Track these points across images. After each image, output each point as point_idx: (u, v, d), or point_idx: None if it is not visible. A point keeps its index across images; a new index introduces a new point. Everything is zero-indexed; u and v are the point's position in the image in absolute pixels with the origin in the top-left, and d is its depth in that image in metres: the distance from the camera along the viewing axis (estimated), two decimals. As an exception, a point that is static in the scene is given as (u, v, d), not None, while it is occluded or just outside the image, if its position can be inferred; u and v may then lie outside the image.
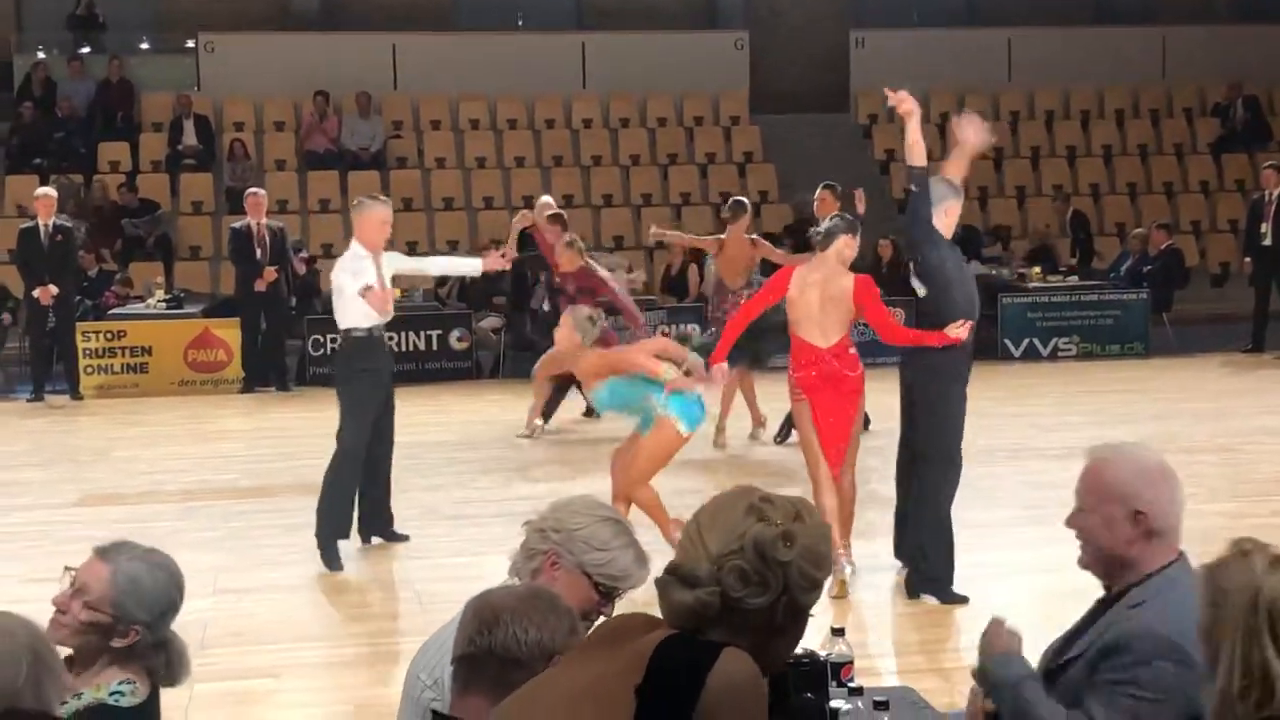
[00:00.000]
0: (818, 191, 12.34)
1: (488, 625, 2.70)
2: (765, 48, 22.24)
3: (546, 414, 12.97)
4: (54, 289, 14.86)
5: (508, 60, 21.25)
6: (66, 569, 3.56)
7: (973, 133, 7.72)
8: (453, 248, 18.74)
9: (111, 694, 3.44)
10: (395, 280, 9.14)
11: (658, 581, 2.47)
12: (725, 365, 8.26)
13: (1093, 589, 7.54)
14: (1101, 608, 3.48)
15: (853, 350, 7.81)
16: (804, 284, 7.77)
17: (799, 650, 3.46)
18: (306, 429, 13.22)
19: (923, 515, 7.54)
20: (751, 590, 2.39)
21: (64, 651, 3.31)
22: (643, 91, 21.62)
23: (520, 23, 23.17)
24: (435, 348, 16.14)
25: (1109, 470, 3.37)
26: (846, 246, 7.89)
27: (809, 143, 21.41)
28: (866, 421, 12.24)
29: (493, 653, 2.68)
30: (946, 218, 7.44)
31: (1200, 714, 3.26)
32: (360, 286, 8.53)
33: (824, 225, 7.99)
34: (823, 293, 7.71)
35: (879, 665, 6.08)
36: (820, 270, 7.79)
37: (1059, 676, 3.41)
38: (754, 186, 20.94)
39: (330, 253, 19.19)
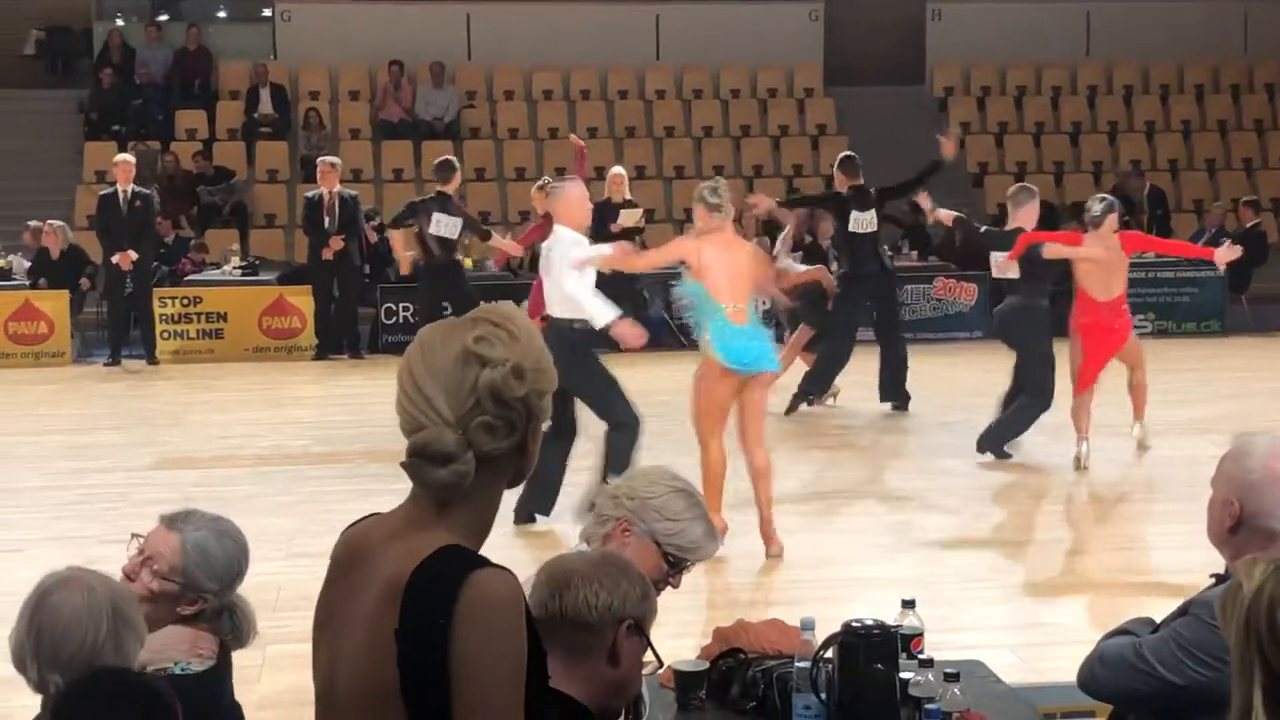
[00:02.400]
0: (837, 164, 12.68)
1: (559, 589, 2.70)
2: (840, 19, 22.10)
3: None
4: (133, 255, 15.04)
5: (581, 31, 21.24)
6: (134, 536, 3.61)
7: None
8: (524, 218, 18.76)
9: (179, 664, 3.49)
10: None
11: (406, 466, 2.26)
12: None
13: (1163, 569, 7.47)
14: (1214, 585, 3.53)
15: (1125, 305, 10.23)
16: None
17: (869, 621, 3.47)
18: (378, 396, 13.30)
19: None
20: (499, 436, 2.25)
21: None
22: (716, 63, 21.55)
23: (594, -7, 23.13)
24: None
25: (1227, 457, 3.48)
26: (1114, 220, 10.05)
27: (884, 115, 21.26)
28: (906, 400, 12.25)
29: (564, 617, 2.69)
30: None
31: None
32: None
33: (1094, 209, 10.04)
34: (1107, 258, 9.87)
35: (949, 639, 6.06)
36: (1102, 243, 9.92)
37: None
38: (827, 159, 20.78)
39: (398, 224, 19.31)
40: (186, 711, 3.11)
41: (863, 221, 12.24)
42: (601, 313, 8.14)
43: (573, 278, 8.09)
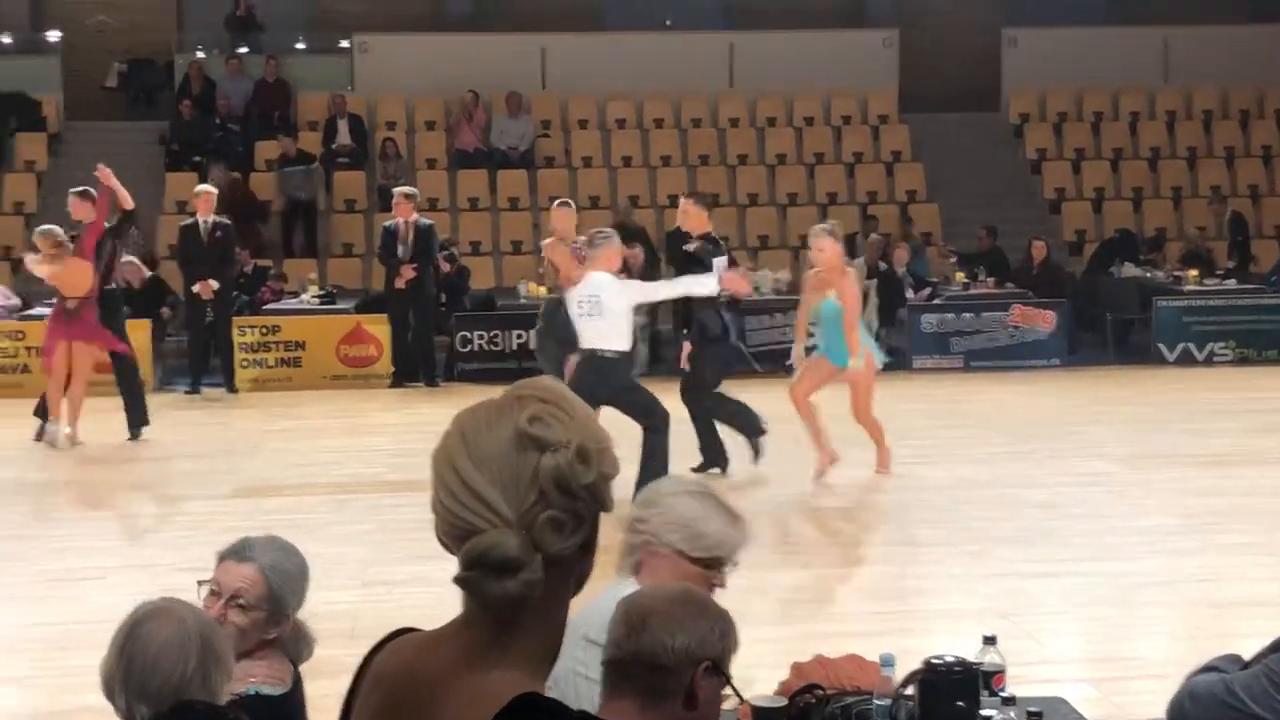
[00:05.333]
0: (682, 203, 11.31)
1: (635, 630, 2.61)
2: (915, 46, 22.03)
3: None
4: (213, 284, 15.20)
5: (655, 60, 21.31)
6: (201, 582, 3.64)
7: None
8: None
9: (253, 688, 3.54)
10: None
11: (462, 581, 1.89)
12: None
13: (1248, 602, 7.33)
14: None
15: None
16: None
17: (950, 657, 3.43)
18: (454, 424, 13.36)
19: None
20: (567, 533, 1.88)
21: None
22: (790, 90, 21.53)
23: (668, 23, 23.23)
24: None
25: None
26: None
27: (959, 142, 21.17)
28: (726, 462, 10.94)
29: (639, 658, 2.59)
30: None
31: None
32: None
33: None
34: None
35: (1028, 672, 5.98)
36: None
37: None
38: (902, 186, 20.76)
39: (479, 250, 19.47)
40: None
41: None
42: (706, 283, 10.01)
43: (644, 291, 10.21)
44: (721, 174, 20.71)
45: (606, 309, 9.57)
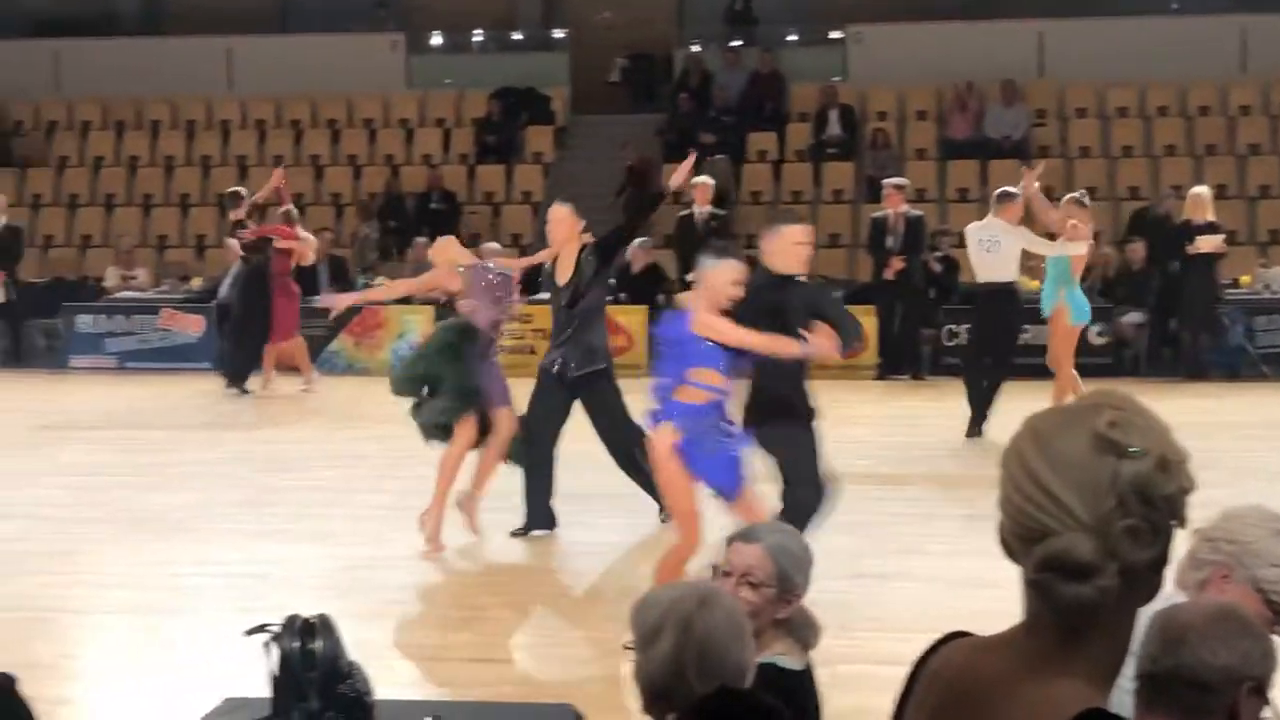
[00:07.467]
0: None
1: (1173, 645, 2.53)
2: None
3: None
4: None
5: (1160, 45, 20.38)
6: (712, 567, 3.85)
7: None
8: (1096, 239, 18.16)
9: (776, 657, 3.67)
10: None
11: (1033, 584, 1.86)
12: None
13: None
14: None
15: None
16: None
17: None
18: (938, 418, 13.22)
19: None
20: (1144, 543, 1.84)
21: None
22: (1309, 75, 20.18)
23: (1175, 6, 22.19)
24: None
25: None
26: None
27: None
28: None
29: (1178, 674, 2.51)
30: None
31: None
32: None
33: None
34: None
35: None
36: None
37: None
38: None
39: (963, 243, 19.13)
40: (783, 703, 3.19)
41: None
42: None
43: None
44: (1230, 164, 19.64)
45: (1003, 247, 12.07)
